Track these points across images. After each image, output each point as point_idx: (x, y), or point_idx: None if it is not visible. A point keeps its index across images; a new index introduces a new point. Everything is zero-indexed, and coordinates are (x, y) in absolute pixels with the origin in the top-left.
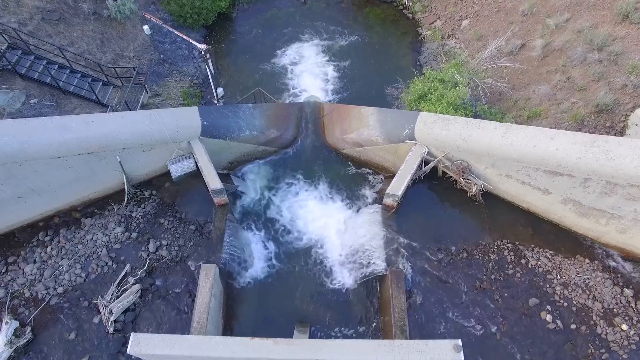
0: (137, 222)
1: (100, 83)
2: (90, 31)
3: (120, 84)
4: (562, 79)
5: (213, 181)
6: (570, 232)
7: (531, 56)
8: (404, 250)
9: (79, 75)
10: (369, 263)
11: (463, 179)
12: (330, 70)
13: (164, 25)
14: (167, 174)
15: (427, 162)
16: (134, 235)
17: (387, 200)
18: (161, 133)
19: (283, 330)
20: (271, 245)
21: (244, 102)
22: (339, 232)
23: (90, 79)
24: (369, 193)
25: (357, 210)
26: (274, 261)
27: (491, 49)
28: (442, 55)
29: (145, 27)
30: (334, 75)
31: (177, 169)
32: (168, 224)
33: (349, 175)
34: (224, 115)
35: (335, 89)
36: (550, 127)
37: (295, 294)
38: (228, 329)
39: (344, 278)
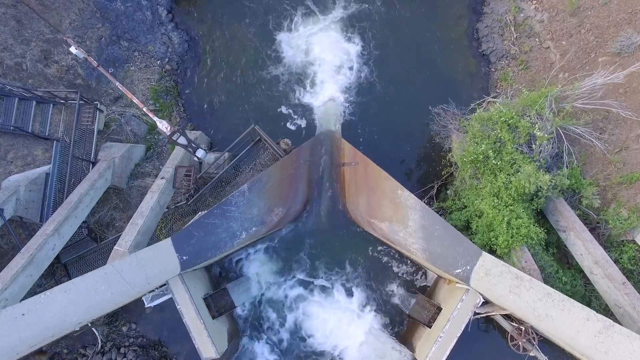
0: None
1: (34, 102)
2: None
3: (63, 100)
4: None
5: (205, 348)
6: None
7: None
8: None
9: None
10: None
11: (523, 343)
12: (351, 38)
13: (99, 68)
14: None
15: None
16: None
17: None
18: (126, 293)
19: None
20: None
21: (236, 147)
22: (359, 349)
23: (17, 98)
24: (396, 290)
25: (384, 321)
26: None
27: (598, 80)
28: (512, 30)
29: (73, 50)
30: (354, 50)
31: (157, 302)
32: None
33: (372, 260)
34: (209, 228)
35: (356, 83)
36: None
37: None
38: None
39: None
